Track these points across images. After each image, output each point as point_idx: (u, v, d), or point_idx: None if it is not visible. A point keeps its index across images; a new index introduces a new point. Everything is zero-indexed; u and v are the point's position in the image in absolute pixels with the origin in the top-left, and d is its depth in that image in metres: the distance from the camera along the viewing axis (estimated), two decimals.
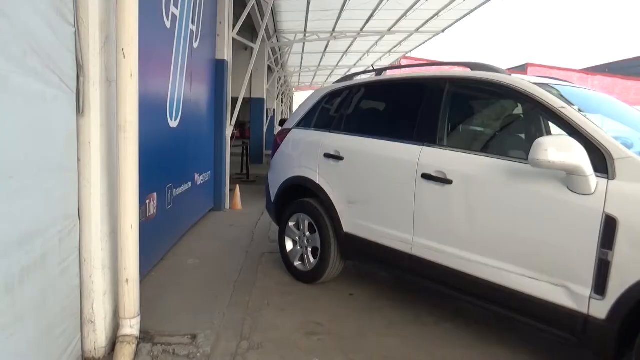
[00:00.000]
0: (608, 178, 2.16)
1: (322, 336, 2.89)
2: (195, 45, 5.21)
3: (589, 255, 2.16)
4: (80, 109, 2.30)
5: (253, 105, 13.92)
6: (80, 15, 2.26)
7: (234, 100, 7.20)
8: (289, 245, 3.94)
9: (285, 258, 3.95)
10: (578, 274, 2.20)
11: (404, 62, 19.28)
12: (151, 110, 3.72)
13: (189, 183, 5.11)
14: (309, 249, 3.74)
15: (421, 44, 14.66)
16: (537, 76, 3.49)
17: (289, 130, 4.13)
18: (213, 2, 6.07)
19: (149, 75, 3.64)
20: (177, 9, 4.28)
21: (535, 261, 2.37)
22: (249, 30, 10.82)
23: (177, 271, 3.95)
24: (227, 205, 6.81)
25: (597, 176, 2.18)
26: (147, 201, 3.62)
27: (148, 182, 3.59)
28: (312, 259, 3.71)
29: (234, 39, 6.90)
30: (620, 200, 2.09)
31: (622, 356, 2.17)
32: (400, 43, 14.39)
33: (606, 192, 2.14)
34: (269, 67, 15.29)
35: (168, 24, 4.06)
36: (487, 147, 2.88)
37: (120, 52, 2.40)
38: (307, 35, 12.92)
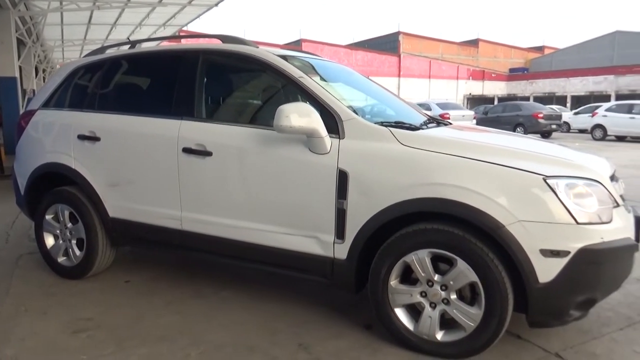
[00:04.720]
0: (339, 138, 2.48)
1: (92, 332, 2.68)
2: None
3: (330, 207, 2.46)
4: None
5: (3, 86, 11.74)
6: None
7: None
8: (50, 240, 3.50)
9: (47, 255, 3.51)
10: (324, 224, 2.50)
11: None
12: None
13: None
14: (74, 241, 3.39)
15: (196, 17, 14.38)
16: (301, 51, 3.76)
17: (34, 112, 3.61)
18: None
19: None
20: None
21: (291, 219, 2.60)
22: None
23: None
24: None
25: (331, 137, 2.48)
26: None
27: None
28: (78, 252, 3.37)
29: None
30: (349, 156, 2.43)
31: (362, 287, 2.57)
32: (174, 16, 13.85)
33: (338, 150, 2.45)
34: (21, 41, 13.05)
35: None
36: (241, 117, 3.01)
37: None
38: (64, 3, 11.40)
